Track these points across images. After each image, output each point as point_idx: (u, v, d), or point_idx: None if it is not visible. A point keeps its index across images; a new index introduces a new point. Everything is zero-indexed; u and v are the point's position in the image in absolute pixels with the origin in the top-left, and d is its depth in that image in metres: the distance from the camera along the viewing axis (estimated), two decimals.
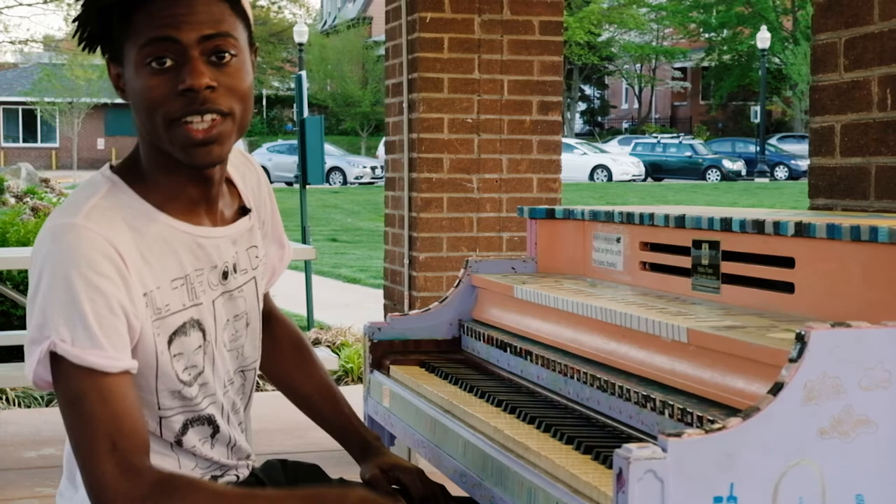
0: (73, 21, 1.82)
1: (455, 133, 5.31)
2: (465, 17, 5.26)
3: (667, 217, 2.28)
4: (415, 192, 5.31)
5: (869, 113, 2.59)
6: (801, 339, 1.49)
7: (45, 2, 35.22)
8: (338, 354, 6.56)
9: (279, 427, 5.25)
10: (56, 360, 1.71)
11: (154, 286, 1.80)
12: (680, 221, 2.22)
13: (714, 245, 2.14)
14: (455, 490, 2.10)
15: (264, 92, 51.45)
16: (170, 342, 1.83)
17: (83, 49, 1.85)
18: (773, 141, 41.98)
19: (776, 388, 1.48)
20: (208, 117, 1.77)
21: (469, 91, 5.31)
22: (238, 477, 2.02)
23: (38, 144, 50.33)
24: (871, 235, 1.69)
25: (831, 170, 2.71)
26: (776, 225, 1.93)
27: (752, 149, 41.45)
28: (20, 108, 48.58)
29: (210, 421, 1.93)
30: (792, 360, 1.49)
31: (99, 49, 1.85)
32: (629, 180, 36.89)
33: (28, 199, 13.52)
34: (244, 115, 1.82)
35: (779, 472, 1.48)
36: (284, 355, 2.27)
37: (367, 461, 2.12)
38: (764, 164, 39.16)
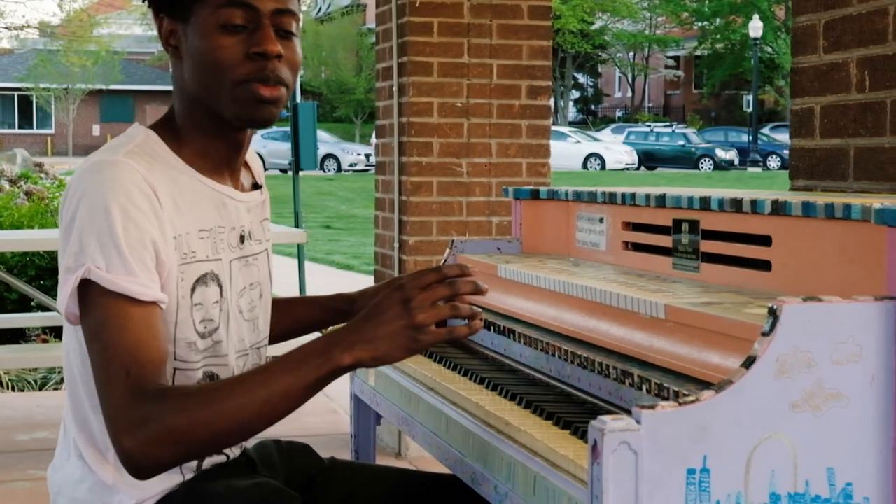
0: None
1: (445, 117, 5.32)
2: (454, 1, 5.27)
3: (648, 197, 2.30)
4: (405, 175, 5.32)
5: (848, 94, 2.61)
6: (773, 314, 1.51)
7: None
8: None
9: None
10: (86, 289, 1.74)
11: (184, 231, 1.86)
12: (661, 201, 2.24)
13: (693, 224, 2.16)
14: (439, 468, 2.13)
15: None
16: (192, 290, 1.87)
17: (148, 1, 1.93)
18: (765, 130, 42.03)
19: (749, 362, 1.50)
20: (273, 84, 1.87)
21: (458, 75, 5.31)
22: (228, 456, 2.03)
23: (34, 130, 50.30)
24: (844, 213, 1.71)
25: (811, 151, 2.73)
26: (753, 203, 1.95)
27: (745, 138, 41.49)
28: (16, 94, 48.54)
29: None
30: (764, 334, 1.51)
31: (150, 2, 1.94)
32: (622, 169, 36.96)
33: (22, 183, 13.49)
34: (292, 90, 1.94)
35: (751, 444, 1.50)
36: None
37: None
38: (756, 154, 39.22)
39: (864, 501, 1.55)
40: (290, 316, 2.34)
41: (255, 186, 2.11)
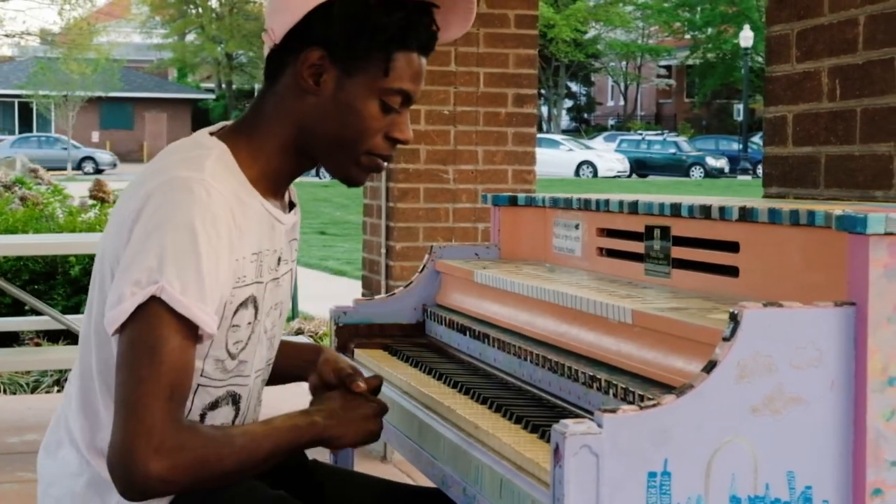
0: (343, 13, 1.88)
1: (432, 124, 5.34)
2: None
3: (621, 203, 2.32)
4: (392, 182, 5.34)
5: (819, 103, 2.63)
6: (734, 319, 1.53)
7: None
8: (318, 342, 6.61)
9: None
10: (148, 304, 1.72)
11: (241, 255, 1.86)
12: (633, 207, 2.26)
13: (665, 230, 2.18)
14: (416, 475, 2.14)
15: (257, 87, 51.41)
16: (235, 312, 1.88)
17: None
18: (755, 139, 42.10)
19: (709, 367, 1.52)
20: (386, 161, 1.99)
21: (445, 83, 5.34)
22: None
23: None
24: (808, 219, 1.72)
25: (784, 159, 2.76)
26: (722, 210, 1.97)
27: (735, 146, 41.61)
28: (16, 101, 48.58)
29: (236, 403, 1.96)
30: (725, 339, 1.53)
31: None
32: (614, 177, 37.01)
33: (17, 188, 13.46)
34: None
35: (712, 448, 1.52)
36: None
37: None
38: (746, 162, 39.33)
39: None
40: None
41: (291, 205, 2.09)
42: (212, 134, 1.96)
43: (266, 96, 1.96)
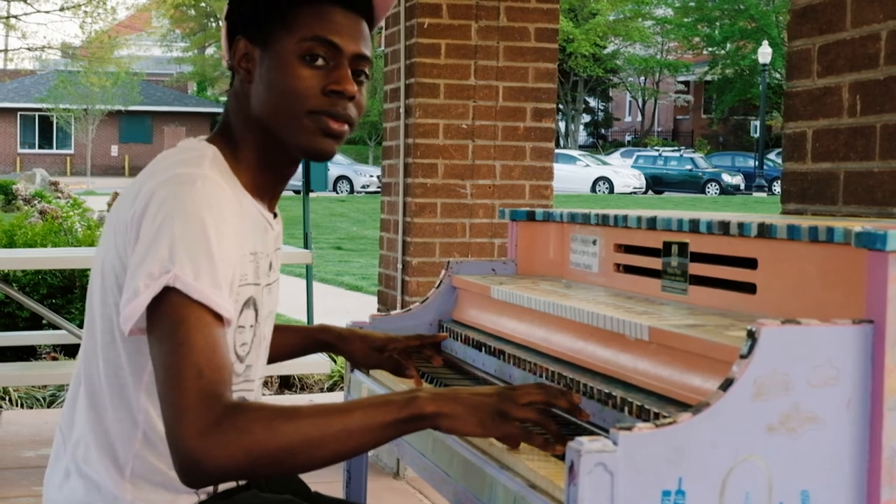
0: None
1: (450, 139, 5.34)
2: (462, 23, 5.29)
3: (639, 219, 2.30)
4: (409, 197, 5.33)
5: (839, 119, 2.62)
6: (751, 336, 1.52)
7: (61, 9, 35.34)
8: (334, 360, 6.60)
9: None
10: (164, 296, 1.72)
11: (242, 252, 1.87)
12: (651, 223, 2.25)
13: (683, 247, 2.16)
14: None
15: None
16: (240, 312, 1.88)
17: (226, 20, 1.99)
18: (771, 156, 42.05)
19: (726, 384, 1.51)
20: (343, 123, 1.93)
21: (465, 97, 5.34)
22: (237, 483, 2.03)
23: (54, 151, 50.56)
24: (827, 236, 1.71)
25: (803, 175, 2.74)
26: (740, 226, 1.95)
27: (751, 163, 41.53)
28: (36, 114, 48.79)
29: None
30: (742, 357, 1.52)
31: (225, 25, 1.99)
32: (630, 193, 36.96)
33: (36, 202, 13.52)
34: (353, 130, 2.00)
35: (727, 466, 1.51)
36: None
37: (351, 344, 2.39)
38: (762, 179, 39.26)
39: None
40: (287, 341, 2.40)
41: (274, 215, 2.11)
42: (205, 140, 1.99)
43: (228, 101, 2.01)
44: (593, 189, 37.05)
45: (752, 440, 1.51)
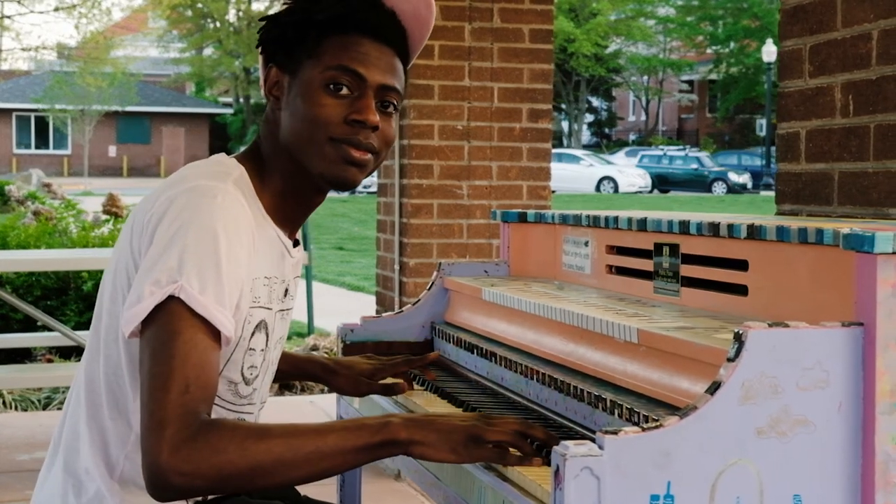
0: (263, 19, 2.00)
1: (445, 140, 5.33)
2: (455, 24, 5.28)
3: (630, 220, 2.29)
4: (405, 198, 5.32)
5: (832, 119, 2.59)
6: (738, 339, 1.50)
7: (55, 9, 35.34)
8: None
9: None
10: (166, 305, 1.71)
11: (256, 275, 1.88)
12: (642, 225, 2.23)
13: (674, 248, 2.15)
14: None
15: None
16: (252, 334, 1.88)
17: (258, 48, 2.01)
18: None
19: (714, 387, 1.49)
20: (365, 152, 1.93)
21: (459, 98, 5.32)
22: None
23: (50, 151, 50.48)
24: (817, 238, 1.69)
25: (797, 175, 2.72)
26: (730, 228, 1.93)
27: (758, 162, 41.47)
28: (32, 115, 48.72)
29: None
30: (730, 360, 1.50)
31: (261, 53, 2.01)
32: (635, 192, 36.90)
33: (30, 203, 13.50)
34: (381, 161, 1.99)
35: (716, 471, 1.49)
36: None
37: (338, 377, 2.37)
38: (769, 178, 39.16)
39: None
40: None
41: (296, 243, 2.10)
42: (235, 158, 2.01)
43: (260, 126, 2.02)
44: (598, 188, 37.00)
45: (742, 444, 1.49)
